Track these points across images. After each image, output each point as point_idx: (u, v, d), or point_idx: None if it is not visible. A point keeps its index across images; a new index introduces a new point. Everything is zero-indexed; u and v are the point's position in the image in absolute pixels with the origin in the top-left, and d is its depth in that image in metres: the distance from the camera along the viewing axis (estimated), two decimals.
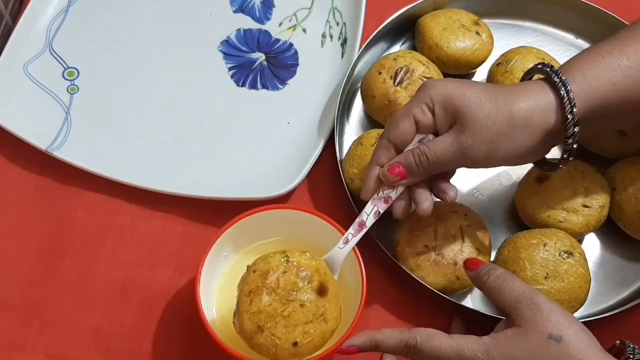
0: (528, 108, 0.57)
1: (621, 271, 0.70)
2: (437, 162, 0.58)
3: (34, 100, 0.76)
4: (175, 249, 0.70)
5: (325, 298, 0.56)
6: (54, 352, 0.65)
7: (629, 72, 0.58)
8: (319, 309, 0.56)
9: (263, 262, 0.57)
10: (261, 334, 0.55)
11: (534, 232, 0.66)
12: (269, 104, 0.77)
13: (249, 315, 0.56)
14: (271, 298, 0.56)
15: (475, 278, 0.57)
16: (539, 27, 0.82)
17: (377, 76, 0.72)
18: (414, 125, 0.59)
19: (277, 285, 0.56)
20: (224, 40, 0.81)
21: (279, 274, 0.56)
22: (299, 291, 0.56)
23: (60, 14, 0.82)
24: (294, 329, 0.55)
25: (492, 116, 0.56)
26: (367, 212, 0.60)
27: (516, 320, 0.52)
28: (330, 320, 0.56)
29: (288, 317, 0.55)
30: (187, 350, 0.65)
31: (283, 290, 0.56)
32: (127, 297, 0.67)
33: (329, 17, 0.83)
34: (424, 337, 0.53)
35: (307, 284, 0.56)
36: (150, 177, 0.72)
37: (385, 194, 0.60)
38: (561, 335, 0.50)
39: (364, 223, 0.60)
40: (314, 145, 0.73)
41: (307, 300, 0.56)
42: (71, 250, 0.70)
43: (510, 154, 0.58)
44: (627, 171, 0.69)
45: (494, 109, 0.57)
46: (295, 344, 0.55)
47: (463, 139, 0.57)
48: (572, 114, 0.57)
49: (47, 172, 0.73)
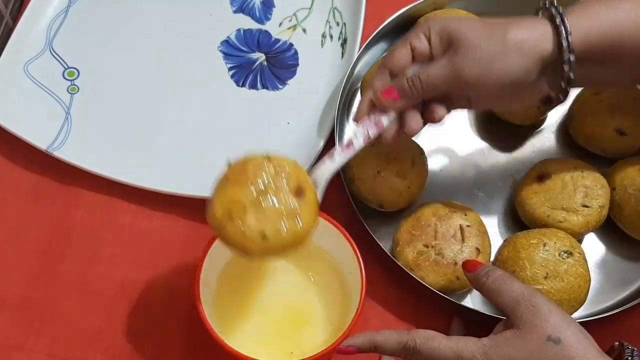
0: (523, 34, 0.57)
1: (621, 271, 0.70)
2: (430, 84, 0.58)
3: (34, 100, 0.76)
4: (175, 249, 0.70)
5: (302, 200, 0.55)
6: (54, 352, 0.65)
7: (630, 16, 0.58)
8: (294, 208, 0.54)
9: (244, 158, 0.56)
10: (231, 222, 0.54)
11: (533, 232, 0.66)
12: (269, 104, 0.77)
13: (221, 201, 0.54)
14: (246, 188, 0.54)
15: (474, 280, 0.57)
16: None
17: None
18: (409, 51, 0.59)
19: (254, 178, 0.55)
20: (224, 40, 0.81)
21: (257, 167, 0.55)
22: (275, 187, 0.55)
23: (60, 14, 0.82)
24: (265, 222, 0.54)
25: (485, 38, 0.57)
26: (357, 134, 0.60)
27: (515, 321, 0.52)
28: (304, 223, 0.55)
29: (260, 210, 0.54)
30: (187, 350, 0.65)
31: (259, 183, 0.54)
32: (127, 297, 0.67)
33: (329, 17, 0.83)
34: (423, 339, 0.53)
35: (284, 182, 0.55)
36: (151, 177, 0.72)
37: (377, 118, 0.60)
38: (560, 337, 0.50)
39: (352, 143, 0.59)
40: (314, 145, 0.73)
41: (282, 197, 0.54)
42: (71, 250, 0.70)
43: (504, 77, 0.57)
44: (627, 171, 0.69)
45: (488, 34, 0.57)
46: (265, 237, 0.53)
47: (456, 59, 0.57)
48: (566, 41, 0.57)
49: (47, 172, 0.73)
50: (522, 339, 0.51)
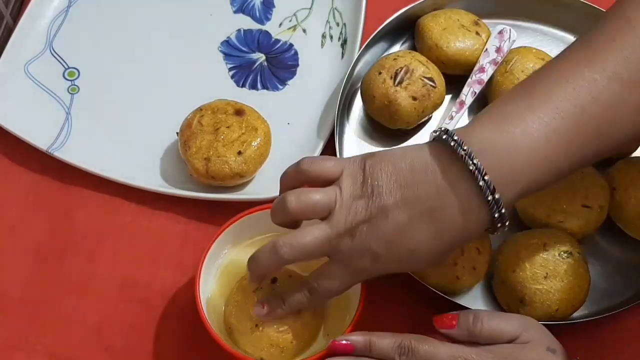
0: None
1: (621, 271, 0.70)
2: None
3: (34, 101, 0.76)
4: (175, 249, 0.70)
5: (244, 117, 0.70)
6: (54, 352, 0.65)
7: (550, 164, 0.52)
8: (243, 124, 0.69)
9: (183, 126, 0.70)
10: (210, 162, 0.68)
11: (533, 232, 0.66)
12: (269, 104, 0.77)
13: (193, 156, 0.68)
14: (202, 136, 0.69)
15: (464, 328, 0.54)
16: (539, 27, 0.82)
17: (377, 76, 0.72)
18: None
19: (202, 126, 0.69)
20: (224, 40, 0.81)
21: (197, 119, 0.70)
22: (220, 121, 0.69)
23: (60, 14, 0.82)
24: (232, 144, 0.68)
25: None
26: (466, 93, 0.73)
27: (522, 340, 0.53)
28: (259, 130, 0.70)
29: (222, 139, 0.68)
30: (187, 350, 0.65)
31: (208, 126, 0.69)
32: (127, 297, 0.67)
33: (329, 18, 0.83)
34: (418, 339, 0.54)
35: (224, 114, 0.70)
36: (151, 177, 0.72)
37: (479, 77, 0.73)
38: (555, 349, 0.53)
39: (464, 102, 0.72)
40: (314, 145, 0.73)
41: (230, 122, 0.69)
42: (71, 250, 0.70)
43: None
44: (627, 171, 0.69)
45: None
46: (240, 153, 0.68)
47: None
48: (498, 213, 0.52)
49: (47, 172, 0.73)
50: (523, 349, 0.53)
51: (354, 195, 0.54)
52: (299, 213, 0.55)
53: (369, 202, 0.53)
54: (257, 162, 0.70)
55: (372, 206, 0.53)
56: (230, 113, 0.70)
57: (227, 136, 0.69)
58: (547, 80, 0.53)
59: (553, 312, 0.62)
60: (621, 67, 0.52)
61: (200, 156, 0.68)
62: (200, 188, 0.71)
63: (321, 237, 0.54)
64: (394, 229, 0.53)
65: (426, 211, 0.52)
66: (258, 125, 0.70)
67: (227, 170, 0.68)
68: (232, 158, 0.68)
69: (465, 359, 0.52)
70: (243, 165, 0.68)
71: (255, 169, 0.70)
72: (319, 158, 0.58)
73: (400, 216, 0.52)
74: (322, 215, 0.55)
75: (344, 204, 0.54)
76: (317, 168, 0.56)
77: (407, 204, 0.52)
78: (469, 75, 0.75)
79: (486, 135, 0.52)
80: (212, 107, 0.71)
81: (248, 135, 0.69)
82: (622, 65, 0.52)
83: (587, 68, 0.53)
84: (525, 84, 0.55)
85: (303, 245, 0.54)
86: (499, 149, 0.51)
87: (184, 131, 0.70)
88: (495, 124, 0.52)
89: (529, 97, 0.53)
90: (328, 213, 0.54)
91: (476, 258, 0.64)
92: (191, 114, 0.71)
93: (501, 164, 0.51)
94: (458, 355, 0.52)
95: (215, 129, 0.69)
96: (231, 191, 0.71)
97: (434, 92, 0.72)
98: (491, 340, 0.54)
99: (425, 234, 0.53)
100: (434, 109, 0.73)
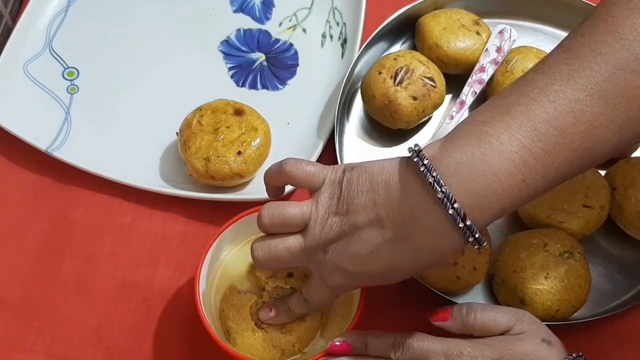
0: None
1: (621, 271, 0.70)
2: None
3: (34, 100, 0.76)
4: (175, 249, 0.70)
5: (244, 117, 0.70)
6: (54, 352, 0.65)
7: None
8: (243, 124, 0.69)
9: (182, 126, 0.70)
10: (210, 162, 0.68)
11: (534, 232, 0.66)
12: (269, 104, 0.77)
13: (193, 156, 0.68)
14: (202, 136, 0.69)
15: (459, 321, 0.55)
16: (539, 27, 0.82)
17: (377, 76, 0.72)
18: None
19: (201, 126, 0.69)
20: (224, 40, 0.81)
21: (197, 118, 0.70)
22: (220, 121, 0.69)
23: (60, 14, 0.82)
24: (232, 144, 0.68)
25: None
26: (467, 93, 0.73)
27: (516, 331, 0.53)
28: (259, 130, 0.70)
29: (222, 139, 0.68)
30: (187, 350, 0.65)
31: (207, 126, 0.69)
32: (127, 297, 0.67)
33: (329, 17, 0.83)
34: (413, 336, 0.54)
35: (224, 114, 0.70)
36: (150, 177, 0.72)
37: (479, 77, 0.72)
38: (550, 340, 0.53)
39: (464, 102, 0.72)
40: (314, 145, 0.73)
41: (230, 122, 0.69)
42: (71, 250, 0.70)
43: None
44: (627, 171, 0.69)
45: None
46: (239, 152, 0.68)
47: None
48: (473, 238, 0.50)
49: (47, 172, 0.73)
50: (517, 340, 0.53)
51: (330, 211, 0.54)
52: (273, 228, 0.56)
53: (344, 219, 0.53)
54: (257, 162, 0.70)
55: (346, 224, 0.52)
56: (230, 113, 0.70)
57: (226, 136, 0.69)
58: (527, 97, 0.49)
59: (554, 313, 0.62)
60: (607, 83, 0.48)
61: (199, 156, 0.68)
62: (200, 188, 0.71)
63: (294, 246, 0.55)
64: (365, 248, 0.52)
65: (400, 235, 0.51)
66: (258, 125, 0.70)
67: (226, 170, 0.68)
68: (232, 158, 0.68)
69: (460, 352, 0.52)
70: (243, 165, 0.68)
71: (255, 169, 0.70)
72: (303, 161, 0.57)
73: (374, 236, 0.51)
74: (297, 229, 0.55)
75: (318, 219, 0.54)
76: (299, 172, 0.56)
77: (381, 224, 0.51)
78: (470, 75, 0.75)
79: (461, 158, 0.49)
80: (211, 107, 0.71)
81: (248, 135, 0.69)
82: (607, 81, 0.48)
83: (569, 86, 0.48)
84: (505, 97, 0.51)
85: (275, 253, 0.55)
86: (474, 173, 0.48)
87: (184, 131, 0.70)
88: (472, 146, 0.49)
89: (507, 116, 0.49)
90: (304, 227, 0.55)
91: (476, 258, 0.64)
92: (191, 113, 0.71)
93: (476, 189, 0.48)
94: (452, 348, 0.53)
95: (215, 129, 0.69)
96: (231, 191, 0.71)
97: (434, 92, 0.72)
98: (485, 332, 0.54)
99: (399, 254, 0.52)
100: (434, 108, 0.73)
